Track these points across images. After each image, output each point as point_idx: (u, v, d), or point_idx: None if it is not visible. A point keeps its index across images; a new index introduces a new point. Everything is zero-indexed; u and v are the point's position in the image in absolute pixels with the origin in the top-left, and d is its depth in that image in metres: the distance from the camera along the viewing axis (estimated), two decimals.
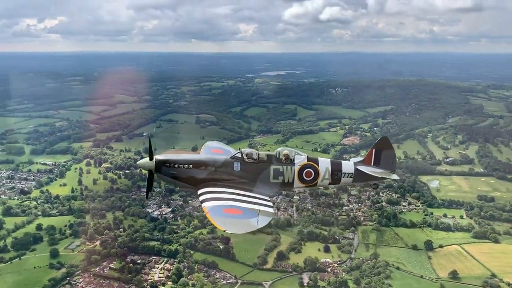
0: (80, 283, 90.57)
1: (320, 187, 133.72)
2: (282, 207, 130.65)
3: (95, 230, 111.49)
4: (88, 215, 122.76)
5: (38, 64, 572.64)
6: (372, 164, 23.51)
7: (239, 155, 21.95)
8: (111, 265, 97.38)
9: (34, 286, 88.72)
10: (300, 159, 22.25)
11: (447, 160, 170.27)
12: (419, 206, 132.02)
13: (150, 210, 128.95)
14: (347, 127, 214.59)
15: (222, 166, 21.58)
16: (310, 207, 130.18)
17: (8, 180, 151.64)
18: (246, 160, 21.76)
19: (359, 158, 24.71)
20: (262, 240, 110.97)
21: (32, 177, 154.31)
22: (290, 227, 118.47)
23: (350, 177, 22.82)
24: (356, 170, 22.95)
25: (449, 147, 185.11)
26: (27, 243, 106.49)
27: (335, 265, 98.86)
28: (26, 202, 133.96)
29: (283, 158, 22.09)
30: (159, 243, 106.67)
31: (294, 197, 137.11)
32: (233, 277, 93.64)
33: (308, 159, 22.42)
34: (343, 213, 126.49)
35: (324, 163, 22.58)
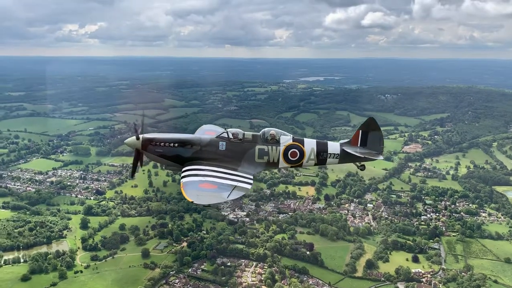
0: (176, 283, 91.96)
1: (307, 168, 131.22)
2: (357, 215, 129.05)
3: (180, 232, 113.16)
4: (167, 217, 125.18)
5: (80, 68, 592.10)
6: (358, 145, 23.01)
7: (225, 135, 22.05)
8: (203, 267, 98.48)
9: (134, 284, 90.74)
10: (286, 139, 22.20)
11: None
12: (500, 217, 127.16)
13: (224, 213, 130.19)
14: (406, 134, 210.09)
15: (207, 145, 21.74)
16: (386, 216, 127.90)
17: (81, 181, 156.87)
18: (232, 139, 21.82)
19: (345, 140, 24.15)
20: (346, 248, 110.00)
21: (103, 178, 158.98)
22: (371, 235, 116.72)
23: (336, 157, 22.60)
24: (342, 151, 22.61)
25: None
26: (116, 242, 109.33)
27: (428, 276, 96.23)
28: (103, 202, 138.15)
29: (269, 138, 22.14)
30: (244, 246, 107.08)
31: (368, 205, 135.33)
32: (327, 284, 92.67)
33: (294, 139, 22.37)
34: (422, 223, 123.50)
35: (310, 144, 22.43)
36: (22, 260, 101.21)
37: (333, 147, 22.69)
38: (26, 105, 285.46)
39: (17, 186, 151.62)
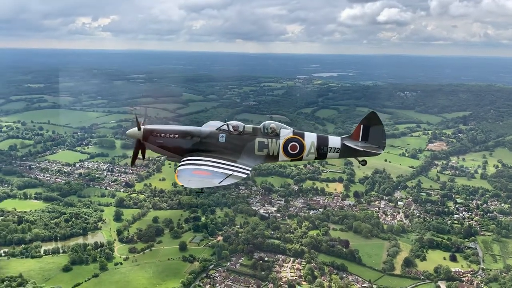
0: (217, 277, 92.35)
1: (307, 161, 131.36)
2: (389, 213, 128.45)
3: (214, 225, 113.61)
4: (199, 210, 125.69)
5: (94, 61, 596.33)
6: (360, 139, 22.68)
7: (225, 127, 22.12)
8: (240, 261, 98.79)
9: (175, 277, 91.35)
10: (286, 132, 22.16)
11: None
12: None
13: (255, 208, 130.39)
14: (429, 132, 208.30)
15: (207, 137, 21.89)
16: (418, 214, 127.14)
17: (109, 173, 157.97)
18: (232, 132, 21.90)
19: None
20: (381, 245, 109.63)
21: (131, 171, 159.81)
22: (405, 233, 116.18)
23: (337, 152, 22.44)
24: (343, 145, 22.42)
25: None
26: (152, 235, 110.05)
27: (469, 275, 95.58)
28: (134, 195, 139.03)
29: (270, 131, 22.08)
30: (280, 241, 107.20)
31: (399, 202, 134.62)
32: (367, 282, 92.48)
33: (294, 133, 22.30)
34: (455, 222, 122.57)
35: (310, 138, 22.35)
36: (61, 251, 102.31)
37: (334, 141, 22.59)
38: (47, 97, 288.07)
39: (46, 177, 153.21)
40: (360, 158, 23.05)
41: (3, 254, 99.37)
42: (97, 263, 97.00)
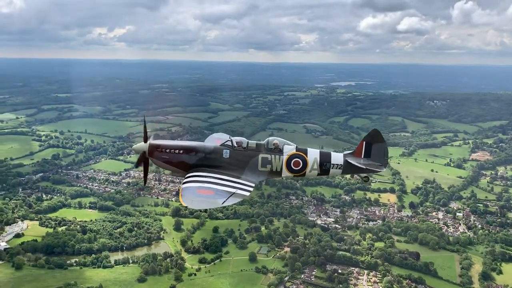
0: None
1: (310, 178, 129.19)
2: (449, 224, 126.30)
3: (279, 236, 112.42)
4: (258, 220, 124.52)
5: (111, 71, 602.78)
6: (362, 156, 22.77)
7: (229, 143, 22.32)
8: (314, 273, 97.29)
9: (253, 287, 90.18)
10: (289, 148, 22.37)
11: None
12: None
13: (312, 219, 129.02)
14: (470, 141, 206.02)
15: (211, 152, 22.05)
16: (479, 225, 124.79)
17: (157, 182, 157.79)
18: (236, 148, 22.06)
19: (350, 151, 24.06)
20: (450, 257, 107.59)
21: (178, 180, 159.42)
22: (471, 245, 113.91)
23: (339, 168, 22.60)
24: (346, 161, 22.58)
25: None
26: (218, 245, 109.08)
27: None
28: None
29: (273, 147, 22.29)
30: (349, 253, 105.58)
31: (457, 214, 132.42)
32: None
33: (297, 149, 22.47)
34: None
35: (313, 154, 22.49)
36: (130, 261, 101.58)
37: (337, 157, 22.67)
38: (76, 106, 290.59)
39: (95, 186, 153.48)
40: (363, 175, 23.25)
41: (74, 264, 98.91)
42: (169, 273, 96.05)
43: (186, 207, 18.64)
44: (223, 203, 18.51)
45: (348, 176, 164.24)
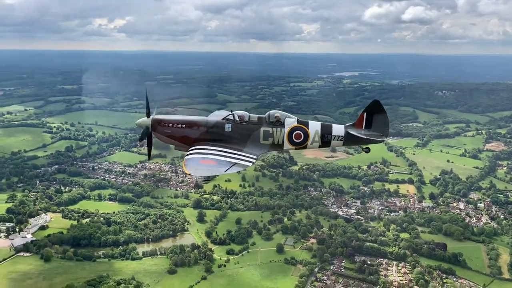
0: (325, 280, 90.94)
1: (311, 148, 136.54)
2: (472, 214, 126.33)
3: (305, 227, 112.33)
4: (280, 211, 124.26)
5: (113, 62, 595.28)
6: (363, 127, 22.95)
7: (231, 117, 22.39)
8: (343, 264, 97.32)
9: (284, 278, 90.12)
10: (290, 121, 22.48)
11: None
12: None
13: (333, 210, 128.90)
14: (483, 132, 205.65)
15: (213, 126, 22.22)
16: (503, 216, 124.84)
17: (174, 174, 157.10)
18: (237, 121, 22.19)
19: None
20: (477, 248, 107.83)
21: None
22: (496, 235, 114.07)
23: (340, 140, 22.84)
24: (347, 133, 22.76)
25: None
26: (244, 236, 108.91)
27: None
28: (206, 196, 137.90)
29: (274, 120, 22.34)
30: (376, 244, 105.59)
31: (478, 204, 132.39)
32: (481, 286, 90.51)
33: (298, 121, 22.61)
34: None
35: (314, 126, 22.67)
36: (158, 253, 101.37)
37: (338, 129, 22.93)
38: (83, 98, 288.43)
39: (112, 178, 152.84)
40: (364, 146, 23.27)
41: (102, 256, 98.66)
42: (199, 265, 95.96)
43: (189, 174, 18.74)
44: (225, 171, 18.90)
45: (365, 167, 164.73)
